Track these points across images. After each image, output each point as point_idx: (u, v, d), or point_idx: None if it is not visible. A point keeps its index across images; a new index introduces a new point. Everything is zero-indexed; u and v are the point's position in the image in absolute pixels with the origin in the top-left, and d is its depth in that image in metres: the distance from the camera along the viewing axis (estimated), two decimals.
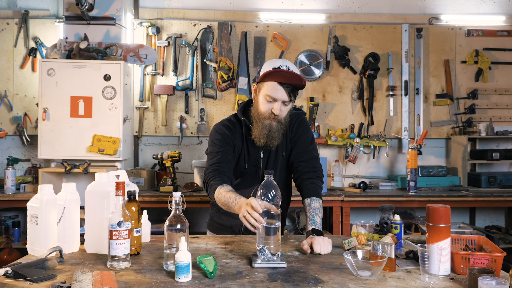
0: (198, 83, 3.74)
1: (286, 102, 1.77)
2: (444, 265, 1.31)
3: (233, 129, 1.92)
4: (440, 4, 3.89)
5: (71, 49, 3.20)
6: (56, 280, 1.25)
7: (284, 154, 1.92)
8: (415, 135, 3.63)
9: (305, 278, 1.29)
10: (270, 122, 1.79)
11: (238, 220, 1.92)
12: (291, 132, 1.92)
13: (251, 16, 3.78)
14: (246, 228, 1.90)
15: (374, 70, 3.73)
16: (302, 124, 1.94)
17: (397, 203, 3.18)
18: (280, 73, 1.73)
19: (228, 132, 1.90)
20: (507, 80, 3.88)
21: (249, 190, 1.93)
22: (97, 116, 3.13)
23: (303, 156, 1.87)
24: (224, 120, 1.96)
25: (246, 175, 1.94)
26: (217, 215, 2.01)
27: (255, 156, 1.91)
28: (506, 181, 3.52)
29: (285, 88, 1.74)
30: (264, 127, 1.80)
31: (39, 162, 3.60)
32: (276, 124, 1.80)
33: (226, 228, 1.98)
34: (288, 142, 1.93)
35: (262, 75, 1.77)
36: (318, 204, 1.75)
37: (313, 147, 1.92)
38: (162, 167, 3.49)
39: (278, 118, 1.79)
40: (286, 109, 1.81)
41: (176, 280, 1.25)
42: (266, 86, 1.76)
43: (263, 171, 1.91)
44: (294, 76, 1.72)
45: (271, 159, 1.92)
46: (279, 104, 1.76)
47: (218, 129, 1.92)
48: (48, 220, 1.49)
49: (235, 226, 1.95)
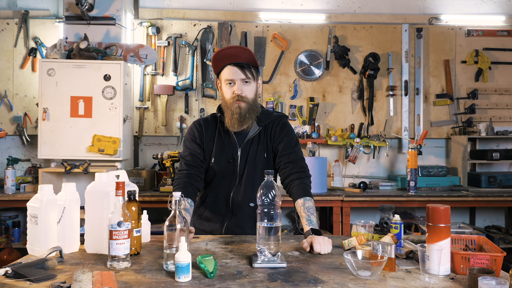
0: (198, 83, 3.74)
1: (246, 79, 1.82)
2: (444, 265, 1.31)
3: (205, 126, 1.94)
4: (440, 4, 3.89)
5: (71, 49, 3.20)
6: (56, 280, 1.25)
7: (266, 154, 1.91)
8: (415, 135, 3.63)
9: (305, 278, 1.29)
10: (238, 105, 1.82)
11: (218, 225, 1.94)
12: (273, 133, 1.92)
13: (251, 16, 3.78)
14: (227, 232, 1.91)
15: (374, 70, 3.73)
16: (285, 126, 1.94)
17: (397, 203, 3.18)
18: (225, 51, 1.81)
19: (196, 131, 1.94)
20: (507, 80, 3.88)
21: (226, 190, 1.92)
22: (97, 116, 3.13)
23: (289, 157, 1.86)
24: (199, 118, 2.01)
25: (221, 174, 1.92)
26: (198, 221, 2.00)
27: (231, 153, 1.91)
28: (506, 181, 3.52)
29: (237, 66, 1.81)
30: (234, 112, 1.83)
31: (39, 162, 3.60)
32: (245, 105, 1.83)
33: (207, 233, 1.95)
34: (270, 142, 1.92)
35: (213, 65, 1.87)
36: (311, 203, 1.75)
37: (298, 148, 1.91)
38: (162, 167, 3.49)
39: (244, 99, 1.82)
40: (250, 88, 1.84)
41: (176, 280, 1.25)
42: (223, 73, 1.86)
43: (240, 169, 1.91)
44: (237, 49, 1.79)
45: (250, 158, 1.90)
46: (239, 84, 1.82)
47: (189, 129, 1.98)
48: (48, 220, 1.48)
49: (216, 231, 1.94)
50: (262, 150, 1.91)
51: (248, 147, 1.91)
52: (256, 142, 1.91)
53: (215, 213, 1.95)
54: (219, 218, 1.94)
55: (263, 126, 1.92)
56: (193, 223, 2.03)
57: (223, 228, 1.93)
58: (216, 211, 1.95)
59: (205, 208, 1.97)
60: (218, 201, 1.94)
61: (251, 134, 1.91)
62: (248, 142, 1.91)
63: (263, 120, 1.92)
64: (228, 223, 1.92)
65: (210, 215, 1.96)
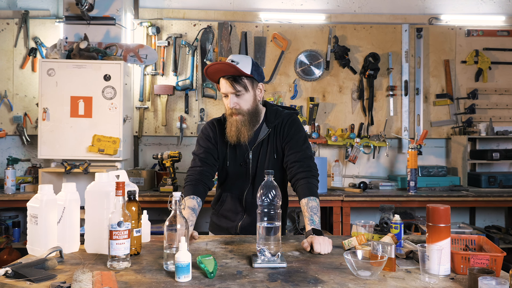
0: (198, 83, 3.74)
1: (237, 93, 1.80)
2: (444, 265, 1.31)
3: (218, 128, 1.94)
4: (440, 4, 3.89)
5: (71, 49, 3.20)
6: (56, 280, 1.25)
7: (276, 155, 1.91)
8: (415, 135, 3.63)
9: (305, 278, 1.29)
10: (234, 118, 1.83)
11: (234, 223, 1.95)
12: (282, 133, 1.91)
13: (251, 16, 3.78)
14: (241, 230, 1.92)
15: (374, 70, 3.73)
16: (294, 124, 1.93)
17: (397, 203, 3.18)
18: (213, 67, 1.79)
19: (211, 131, 1.94)
20: (507, 80, 3.88)
21: (240, 191, 1.94)
22: (97, 116, 3.13)
23: (297, 156, 1.86)
24: (213, 119, 2.01)
25: (235, 175, 1.94)
26: (216, 216, 2.03)
27: (243, 156, 1.92)
28: (506, 181, 3.52)
29: (226, 79, 1.79)
30: (232, 124, 1.84)
31: (39, 162, 3.60)
32: (241, 118, 1.82)
33: (223, 229, 1.99)
34: (279, 142, 1.92)
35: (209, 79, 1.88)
36: (315, 203, 1.74)
37: (306, 146, 1.89)
38: (162, 167, 3.49)
39: (239, 111, 1.82)
40: (245, 99, 1.82)
41: (176, 280, 1.25)
42: (220, 85, 1.85)
43: (252, 171, 1.91)
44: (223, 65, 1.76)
45: (261, 160, 1.91)
46: (230, 97, 1.81)
47: (203, 128, 1.97)
48: (48, 220, 1.48)
49: (231, 228, 1.96)
50: (272, 152, 1.91)
51: (259, 149, 1.92)
52: (266, 144, 1.92)
53: (230, 211, 1.97)
54: (234, 217, 1.96)
55: (272, 127, 1.92)
56: (211, 217, 2.06)
57: (238, 226, 1.95)
58: (231, 209, 1.97)
59: (221, 206, 2.00)
60: (233, 200, 1.96)
61: (261, 137, 1.91)
62: (258, 144, 1.92)
63: (272, 120, 1.92)
64: (243, 222, 1.94)
65: (226, 213, 1.99)
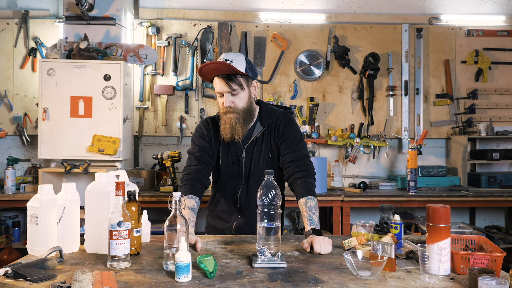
0: (198, 83, 3.74)
1: (233, 91, 1.80)
2: (444, 265, 1.31)
3: (212, 126, 1.94)
4: (440, 4, 3.89)
5: (71, 49, 3.20)
6: (56, 280, 1.25)
7: (271, 154, 1.91)
8: (415, 135, 3.63)
9: (305, 278, 1.29)
10: (229, 115, 1.82)
11: (229, 223, 1.95)
12: (277, 132, 1.90)
13: (251, 16, 3.78)
14: (236, 231, 1.92)
15: (374, 70, 3.73)
16: (288, 123, 1.92)
17: (397, 203, 3.18)
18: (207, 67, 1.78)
19: (205, 130, 1.94)
20: (507, 80, 3.88)
21: (233, 191, 1.94)
22: (97, 116, 3.13)
23: (293, 155, 1.84)
24: (207, 117, 2.01)
25: (228, 174, 1.93)
26: (211, 217, 2.03)
27: (235, 154, 1.91)
28: (506, 181, 3.52)
29: (221, 78, 1.79)
30: (226, 122, 1.84)
31: (39, 162, 3.60)
32: (235, 116, 1.82)
33: (218, 230, 1.99)
34: (274, 141, 1.91)
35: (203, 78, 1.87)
36: (314, 203, 1.74)
37: (302, 145, 1.88)
38: (162, 167, 3.49)
39: (234, 109, 1.82)
40: (240, 97, 1.82)
41: (176, 280, 1.25)
42: (213, 84, 1.85)
43: (246, 170, 1.91)
44: (217, 65, 1.76)
45: (255, 159, 1.90)
46: (226, 96, 1.80)
47: (198, 127, 1.98)
48: (48, 220, 1.48)
49: (226, 229, 1.96)
50: (266, 150, 1.90)
51: (253, 147, 1.91)
52: (260, 142, 1.91)
53: (225, 212, 1.97)
54: (229, 218, 1.96)
55: (266, 125, 1.91)
56: (207, 219, 2.06)
57: (232, 227, 1.94)
58: (225, 210, 1.97)
59: (216, 206, 2.00)
60: (227, 201, 1.96)
61: (255, 135, 1.91)
62: (252, 143, 1.91)
63: (267, 119, 1.91)
64: (237, 222, 1.94)
65: (221, 214, 1.98)
